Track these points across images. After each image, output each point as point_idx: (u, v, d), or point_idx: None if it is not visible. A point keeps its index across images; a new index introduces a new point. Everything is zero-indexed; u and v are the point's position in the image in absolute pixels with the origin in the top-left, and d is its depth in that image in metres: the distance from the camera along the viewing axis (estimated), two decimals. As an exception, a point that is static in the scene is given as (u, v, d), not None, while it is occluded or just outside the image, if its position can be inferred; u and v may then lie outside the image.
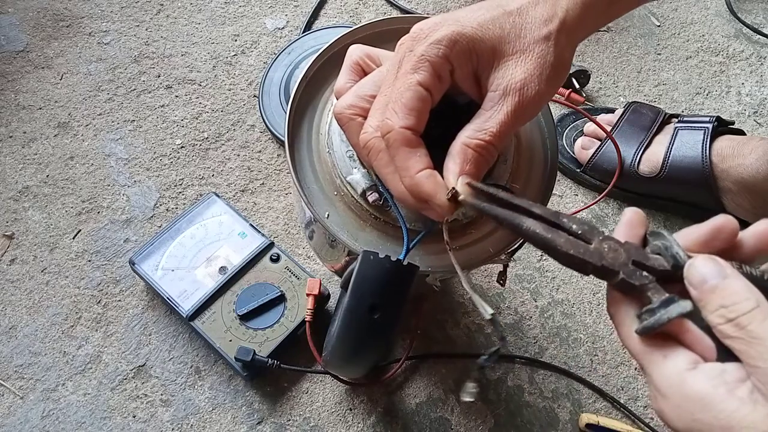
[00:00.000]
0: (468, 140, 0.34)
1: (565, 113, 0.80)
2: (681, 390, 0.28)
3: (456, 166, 0.34)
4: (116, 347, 0.62)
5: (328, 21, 0.86)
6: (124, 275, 0.66)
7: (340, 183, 0.44)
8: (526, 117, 0.36)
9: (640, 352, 0.30)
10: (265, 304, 0.61)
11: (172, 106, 0.77)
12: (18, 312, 0.63)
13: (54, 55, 0.79)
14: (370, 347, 0.45)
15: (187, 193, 0.71)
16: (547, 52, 0.35)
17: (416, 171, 0.34)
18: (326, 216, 0.44)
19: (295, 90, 0.47)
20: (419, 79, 0.34)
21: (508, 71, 0.35)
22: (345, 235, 0.44)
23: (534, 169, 0.48)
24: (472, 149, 0.34)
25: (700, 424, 0.27)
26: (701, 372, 0.28)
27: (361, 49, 0.40)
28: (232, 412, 0.60)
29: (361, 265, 0.39)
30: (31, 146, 0.72)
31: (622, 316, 0.31)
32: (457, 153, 0.34)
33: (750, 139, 0.68)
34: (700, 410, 0.27)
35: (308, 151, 0.46)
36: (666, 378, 0.29)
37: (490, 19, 0.35)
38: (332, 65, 0.48)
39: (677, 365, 0.29)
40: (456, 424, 0.61)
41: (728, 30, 0.92)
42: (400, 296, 0.40)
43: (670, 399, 0.28)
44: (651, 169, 0.70)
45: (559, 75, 0.36)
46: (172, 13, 0.84)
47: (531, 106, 0.35)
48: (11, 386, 0.60)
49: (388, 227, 0.44)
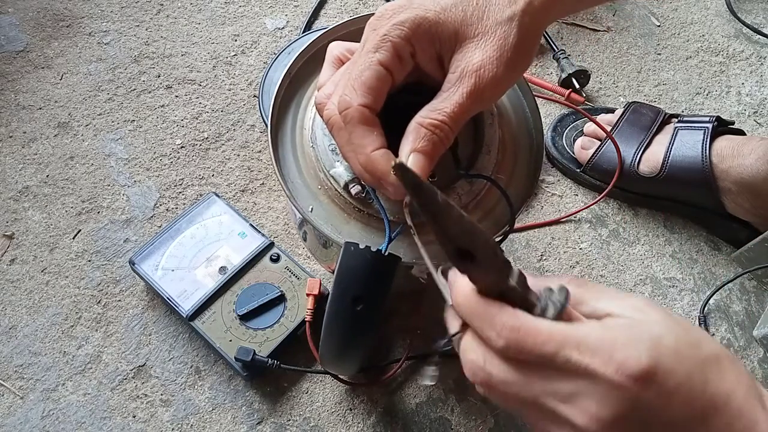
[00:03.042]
0: (421, 119, 0.35)
1: (565, 113, 0.80)
2: (615, 333, 0.29)
3: (408, 144, 0.35)
4: (116, 347, 0.62)
5: (329, 21, 0.86)
6: (124, 275, 0.66)
7: (323, 177, 0.45)
8: (483, 99, 0.36)
9: (574, 330, 0.29)
10: (265, 304, 0.60)
11: (172, 106, 0.77)
12: (18, 312, 0.63)
13: (54, 55, 0.79)
14: (357, 339, 0.45)
15: (187, 193, 0.71)
16: (509, 33, 0.35)
17: (371, 149, 0.35)
18: (310, 210, 0.45)
19: (278, 87, 0.47)
20: (380, 58, 0.35)
21: (467, 54, 0.35)
22: (329, 228, 0.44)
23: (519, 159, 0.48)
24: (425, 128, 0.35)
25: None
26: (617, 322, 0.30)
27: (341, 44, 0.41)
28: (232, 412, 0.60)
29: (342, 256, 0.39)
30: (31, 146, 0.72)
31: (529, 318, 0.30)
32: (411, 131, 0.35)
33: (750, 139, 0.68)
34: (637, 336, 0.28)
35: (292, 147, 0.47)
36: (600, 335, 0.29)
37: (453, 4, 0.36)
38: (315, 63, 0.48)
39: (594, 324, 0.30)
40: (456, 425, 0.61)
41: (728, 30, 0.91)
42: (383, 287, 0.40)
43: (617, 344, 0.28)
44: (651, 169, 0.70)
45: (522, 58, 0.36)
46: (172, 13, 0.84)
47: (488, 88, 0.35)
48: (11, 386, 0.60)
49: (372, 219, 0.44)
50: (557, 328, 0.29)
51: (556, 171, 0.78)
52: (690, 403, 0.28)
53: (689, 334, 0.29)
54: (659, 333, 0.28)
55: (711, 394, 0.28)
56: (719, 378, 0.28)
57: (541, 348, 0.28)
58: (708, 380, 0.28)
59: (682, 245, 0.74)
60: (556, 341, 0.28)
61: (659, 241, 0.74)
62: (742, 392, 0.28)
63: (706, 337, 0.30)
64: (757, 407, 0.28)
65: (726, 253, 0.73)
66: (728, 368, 0.29)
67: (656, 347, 0.27)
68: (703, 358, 0.28)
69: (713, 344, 0.30)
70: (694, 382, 0.28)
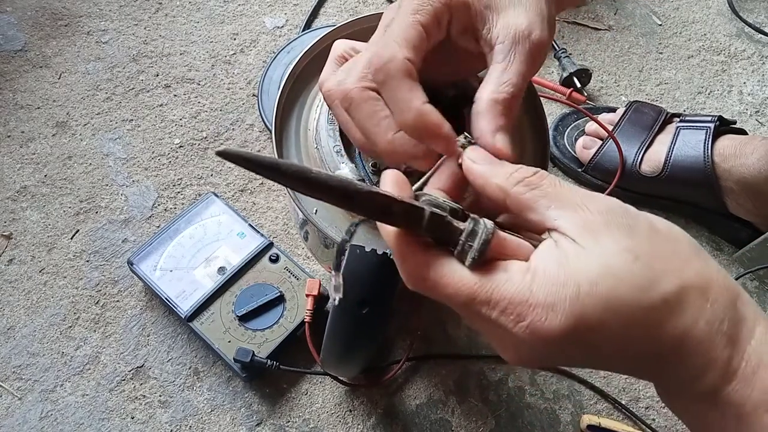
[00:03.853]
0: (495, 95, 0.33)
1: (566, 113, 0.79)
2: (537, 282, 0.26)
3: (490, 123, 0.33)
4: (114, 348, 0.62)
5: (328, 19, 0.86)
6: (122, 275, 0.65)
7: None
8: (537, 63, 0.35)
9: (481, 286, 0.27)
10: (264, 305, 0.60)
11: (170, 106, 0.76)
12: (16, 312, 0.63)
13: (52, 54, 0.79)
14: (362, 343, 0.45)
15: (186, 192, 0.71)
16: (540, 3, 0.35)
17: (422, 102, 0.32)
18: (315, 212, 0.44)
19: (282, 87, 0.47)
20: (420, 19, 0.33)
21: (511, 20, 0.34)
22: (333, 230, 0.44)
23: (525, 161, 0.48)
24: (501, 104, 0.33)
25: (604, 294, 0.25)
26: (539, 257, 0.27)
27: (346, 42, 0.40)
28: (231, 413, 0.60)
29: (348, 259, 0.39)
30: (29, 146, 0.72)
31: (441, 263, 0.28)
32: (488, 110, 0.33)
33: (752, 138, 0.68)
34: (563, 285, 0.26)
35: (296, 148, 0.46)
36: (517, 287, 0.26)
37: None
38: (319, 62, 0.48)
39: (519, 269, 0.27)
40: (457, 426, 0.61)
41: (730, 29, 0.91)
42: (389, 290, 0.40)
43: (536, 298, 0.26)
44: (653, 169, 0.70)
45: (551, 28, 0.36)
46: (170, 12, 0.84)
47: (540, 51, 0.34)
48: (9, 387, 0.59)
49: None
50: (466, 279, 0.27)
51: (558, 170, 0.77)
52: (624, 351, 0.26)
53: (645, 268, 0.26)
54: (595, 276, 0.25)
55: (657, 340, 0.26)
56: (673, 321, 0.26)
57: (450, 299, 0.27)
58: (655, 325, 0.26)
59: (683, 245, 0.73)
60: (465, 294, 0.27)
61: (661, 241, 0.73)
62: (701, 330, 0.26)
63: (675, 269, 0.26)
64: (719, 345, 0.26)
65: (728, 253, 0.73)
66: (691, 305, 0.26)
67: (580, 300, 0.25)
68: (653, 303, 0.25)
69: (677, 278, 0.26)
70: (633, 331, 0.26)
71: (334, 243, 0.44)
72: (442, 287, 0.27)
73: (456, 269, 0.28)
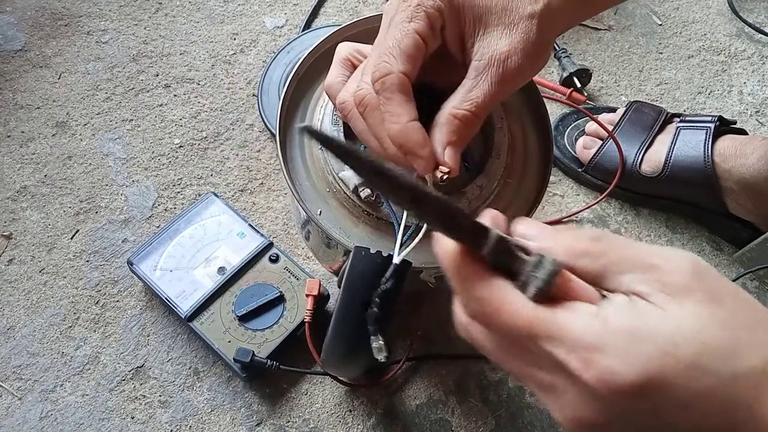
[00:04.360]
0: (455, 110, 0.34)
1: (566, 113, 0.79)
2: (609, 329, 0.24)
3: (443, 135, 0.34)
4: (114, 348, 0.62)
5: (328, 19, 0.86)
6: (122, 275, 0.65)
7: (332, 179, 0.44)
8: (507, 89, 0.36)
9: (543, 320, 0.25)
10: (264, 305, 0.60)
11: (170, 106, 0.76)
12: (16, 312, 0.63)
13: (52, 54, 0.79)
14: (365, 345, 0.45)
15: (186, 192, 0.71)
16: (530, 29, 0.35)
17: (407, 119, 0.34)
18: (318, 213, 0.44)
19: (286, 88, 0.47)
20: (416, 27, 0.34)
21: (493, 41, 0.35)
22: (337, 231, 0.44)
23: (529, 165, 0.48)
24: (459, 119, 0.34)
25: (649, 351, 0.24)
26: (612, 306, 0.25)
27: (350, 45, 0.41)
28: (231, 413, 0.60)
29: (353, 261, 0.39)
30: (29, 146, 0.72)
31: (502, 292, 0.26)
32: (444, 123, 0.35)
33: (752, 138, 0.68)
34: (640, 340, 0.24)
35: (300, 149, 0.46)
36: (586, 329, 0.24)
37: None
38: (323, 63, 0.48)
39: (588, 312, 0.25)
40: (457, 426, 0.61)
41: (730, 29, 0.91)
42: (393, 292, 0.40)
43: (608, 345, 0.24)
44: (653, 169, 0.70)
45: (540, 55, 0.36)
46: (170, 12, 0.84)
47: (513, 78, 0.35)
48: (9, 387, 0.59)
49: (380, 223, 0.44)
50: (530, 309, 0.25)
51: (558, 170, 0.77)
52: (703, 422, 0.24)
53: (731, 337, 0.24)
54: (678, 338, 0.23)
55: (736, 417, 0.24)
56: (755, 398, 0.24)
57: (511, 329, 0.25)
58: (736, 400, 0.23)
59: (684, 245, 0.73)
60: (529, 326, 0.25)
61: (661, 242, 0.73)
62: None
63: (760, 340, 0.24)
64: None
65: (728, 253, 0.73)
66: None
67: (662, 358, 0.23)
68: (736, 373, 0.23)
69: (764, 350, 0.24)
70: (713, 401, 0.23)
71: (336, 243, 0.44)
72: (503, 313, 0.26)
73: (520, 297, 0.26)
